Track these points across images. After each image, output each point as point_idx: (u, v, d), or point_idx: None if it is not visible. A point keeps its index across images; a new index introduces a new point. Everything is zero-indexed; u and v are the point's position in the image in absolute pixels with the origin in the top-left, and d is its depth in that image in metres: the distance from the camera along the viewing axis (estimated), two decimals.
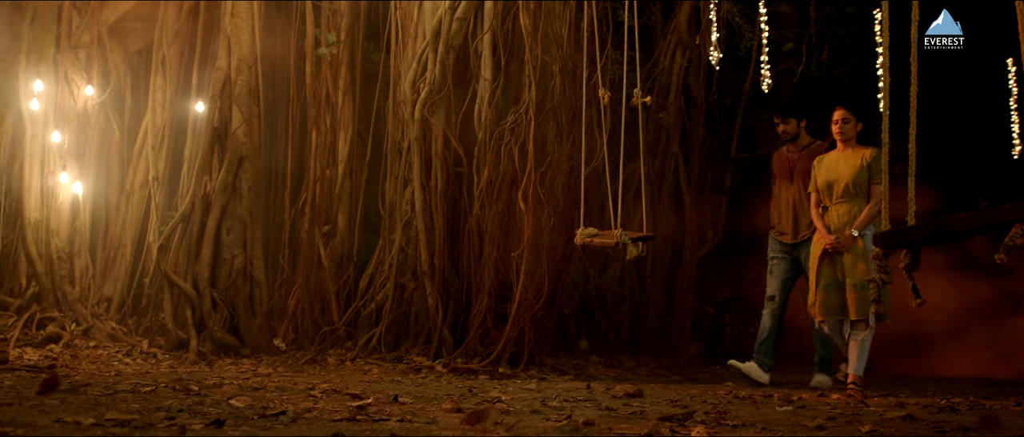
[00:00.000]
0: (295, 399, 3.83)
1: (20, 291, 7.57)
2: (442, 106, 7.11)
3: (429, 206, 7.02)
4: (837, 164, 5.68)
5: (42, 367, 5.73)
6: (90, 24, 8.15)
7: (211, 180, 7.37)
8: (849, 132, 5.67)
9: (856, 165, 5.59)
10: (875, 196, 5.46)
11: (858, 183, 5.58)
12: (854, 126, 5.67)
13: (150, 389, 3.88)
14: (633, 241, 5.33)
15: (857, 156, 5.62)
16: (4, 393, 3.42)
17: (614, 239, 5.32)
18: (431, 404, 3.79)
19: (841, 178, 5.63)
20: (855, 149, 5.66)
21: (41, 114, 7.70)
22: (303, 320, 7.78)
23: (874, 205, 5.45)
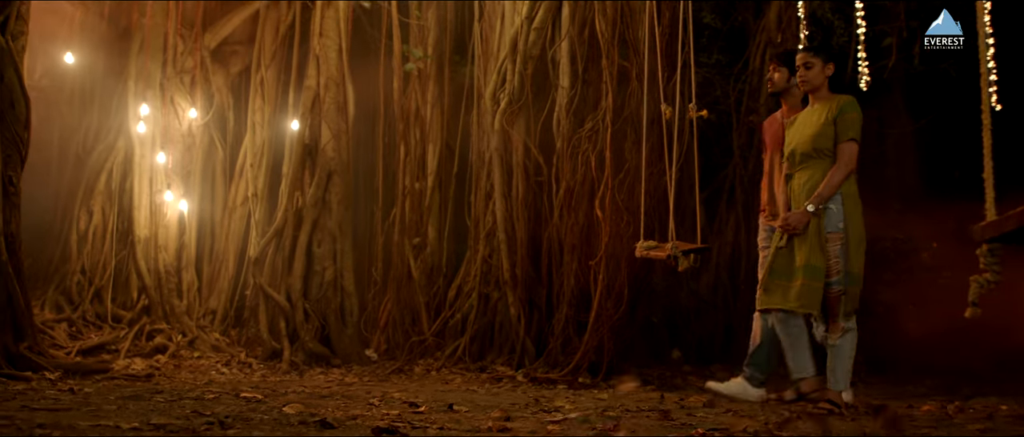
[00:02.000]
0: (353, 407, 3.91)
1: (132, 304, 8.02)
2: (522, 116, 7.13)
3: (511, 216, 7.05)
4: (802, 122, 4.59)
5: (140, 375, 6.04)
6: (193, 50, 8.57)
7: (302, 195, 7.62)
8: (814, 79, 4.50)
9: (820, 121, 4.43)
10: (842, 157, 4.33)
11: (820, 144, 4.39)
12: (821, 71, 4.49)
13: (213, 397, 4.03)
14: (685, 253, 5.20)
15: (824, 109, 4.45)
16: (73, 399, 3.62)
17: (666, 252, 5.21)
18: (482, 414, 3.80)
19: (803, 139, 4.50)
20: (824, 101, 4.51)
21: (149, 136, 8.14)
22: (394, 331, 7.92)
23: (837, 170, 4.31)
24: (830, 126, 4.38)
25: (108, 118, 8.37)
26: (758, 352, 5.08)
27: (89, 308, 7.89)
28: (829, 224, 4.31)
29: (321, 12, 7.71)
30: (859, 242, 4.38)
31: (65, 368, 5.70)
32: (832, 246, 4.31)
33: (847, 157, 4.33)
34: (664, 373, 7.19)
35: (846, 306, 4.33)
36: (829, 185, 4.30)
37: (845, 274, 4.30)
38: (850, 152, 4.34)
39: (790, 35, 7.74)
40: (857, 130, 4.37)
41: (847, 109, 4.37)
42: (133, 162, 8.12)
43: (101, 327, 7.75)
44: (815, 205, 4.32)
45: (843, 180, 4.32)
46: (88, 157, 8.32)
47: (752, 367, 5.09)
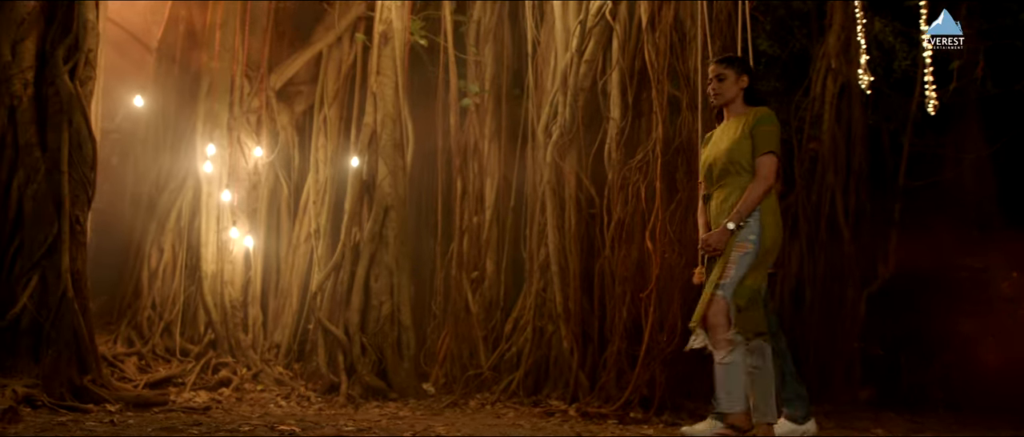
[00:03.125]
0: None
1: (199, 338, 8.23)
2: (573, 149, 7.12)
3: (563, 249, 7.02)
4: (717, 138, 4.37)
5: (198, 408, 6.18)
6: (259, 90, 8.84)
7: (360, 230, 7.74)
8: (727, 92, 4.31)
9: (735, 135, 4.20)
10: (760, 171, 4.10)
11: (736, 159, 4.17)
12: (734, 83, 4.29)
13: (248, 429, 4.10)
14: None
15: (739, 123, 4.23)
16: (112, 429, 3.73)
17: None
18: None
19: (719, 154, 4.28)
20: (739, 114, 4.29)
21: (216, 175, 8.40)
22: (452, 365, 7.94)
23: (756, 184, 4.07)
24: (747, 140, 4.17)
25: (178, 158, 8.67)
26: (786, 390, 4.87)
27: (159, 342, 8.12)
28: (741, 235, 4.10)
29: (378, 51, 7.87)
30: (765, 258, 4.13)
31: (126, 400, 5.87)
32: (734, 252, 4.07)
33: (765, 171, 4.12)
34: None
35: (738, 323, 4.00)
36: (748, 201, 4.08)
37: (734, 283, 4.03)
38: (768, 166, 4.14)
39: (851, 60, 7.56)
40: (775, 142, 4.19)
41: (764, 121, 4.18)
42: (201, 200, 8.38)
43: (169, 360, 7.97)
44: (735, 222, 4.08)
45: (763, 195, 4.10)
46: (160, 196, 8.62)
47: (788, 405, 4.91)
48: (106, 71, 9.81)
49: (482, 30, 8.59)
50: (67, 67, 6.14)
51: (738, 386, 4.03)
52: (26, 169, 6.06)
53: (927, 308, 8.49)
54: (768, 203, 4.16)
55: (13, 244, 5.99)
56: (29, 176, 6.05)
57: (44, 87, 6.17)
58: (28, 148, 6.08)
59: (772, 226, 4.14)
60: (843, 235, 8.04)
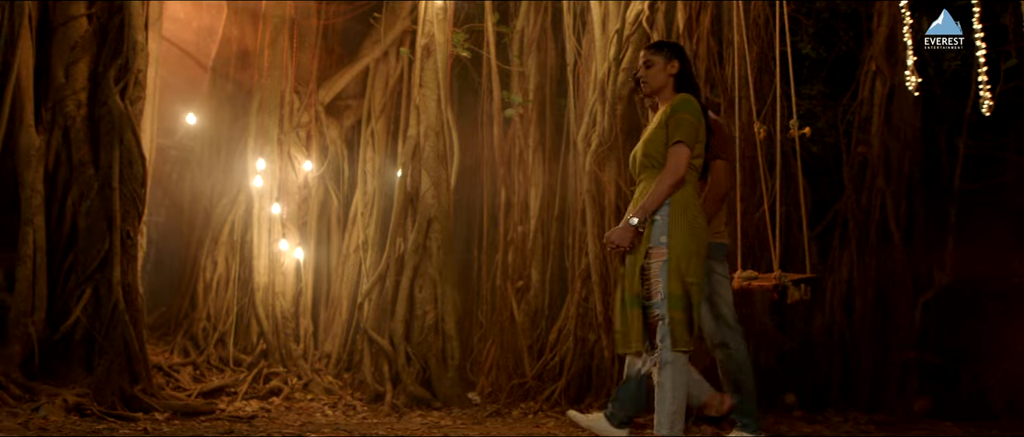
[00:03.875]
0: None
1: (251, 348, 8.43)
2: (612, 157, 7.10)
3: (604, 257, 7.00)
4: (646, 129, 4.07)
5: (243, 417, 6.33)
6: (308, 105, 9.04)
7: (404, 241, 7.83)
8: (654, 80, 3.97)
9: (654, 125, 3.90)
10: (668, 163, 3.73)
11: (651, 151, 3.84)
12: (662, 70, 3.95)
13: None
14: (795, 283, 4.98)
15: (662, 112, 3.90)
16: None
17: (772, 281, 5.00)
18: None
19: (638, 147, 3.98)
20: (666, 103, 3.95)
21: (266, 189, 8.61)
22: (498, 374, 7.97)
23: (662, 177, 3.70)
24: (662, 130, 3.82)
25: (231, 173, 8.91)
26: (622, 388, 4.57)
27: (213, 352, 8.34)
28: (652, 238, 3.70)
29: (421, 64, 7.97)
30: (684, 258, 3.67)
31: (174, 409, 6.05)
32: (653, 263, 3.69)
33: (674, 163, 3.71)
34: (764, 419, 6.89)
35: (667, 334, 3.63)
36: (653, 195, 3.71)
37: (665, 298, 3.65)
38: (677, 157, 3.72)
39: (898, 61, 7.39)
40: (686, 132, 3.75)
41: (678, 109, 3.80)
42: (253, 214, 8.59)
43: (223, 370, 8.18)
44: (639, 218, 3.71)
45: (670, 189, 3.70)
46: (214, 210, 8.87)
47: (614, 403, 4.63)
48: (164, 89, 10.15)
49: (525, 41, 8.63)
50: (118, 87, 6.37)
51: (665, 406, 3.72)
52: (80, 186, 6.31)
53: (986, 315, 8.20)
54: (680, 199, 3.73)
55: (68, 259, 6.24)
56: (83, 193, 6.30)
57: (96, 107, 6.43)
58: (82, 166, 6.32)
59: (683, 227, 3.70)
60: (894, 240, 7.83)
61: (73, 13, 6.39)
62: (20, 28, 6.06)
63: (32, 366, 5.84)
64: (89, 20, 6.48)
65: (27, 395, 5.47)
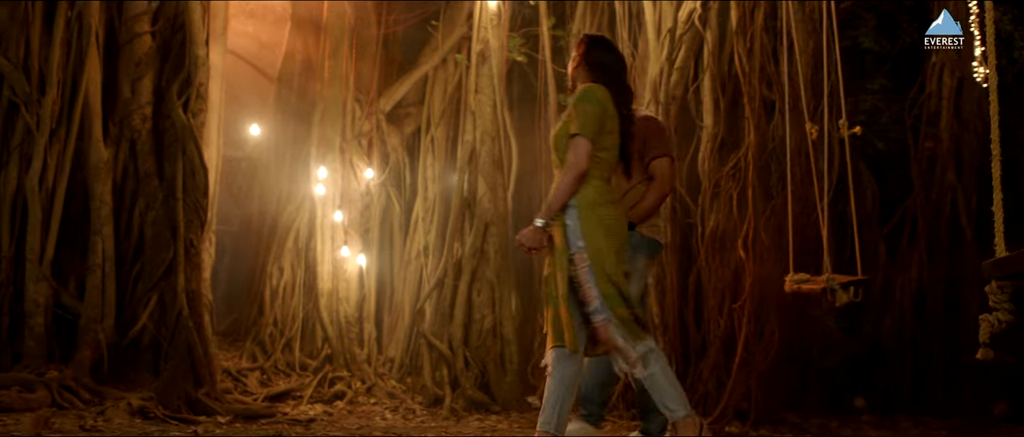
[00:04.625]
0: None
1: (317, 353, 8.59)
2: None
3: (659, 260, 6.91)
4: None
5: (302, 420, 6.46)
6: (369, 113, 9.19)
7: (462, 246, 7.89)
8: (573, 74, 3.87)
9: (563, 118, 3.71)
10: (567, 159, 3.52)
11: (558, 146, 3.67)
12: (579, 63, 3.79)
13: None
14: (843, 286, 4.84)
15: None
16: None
17: (821, 284, 4.88)
18: None
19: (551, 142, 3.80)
20: None
21: (329, 197, 8.78)
22: None
23: (563, 175, 3.53)
24: (566, 123, 3.63)
25: (296, 182, 9.11)
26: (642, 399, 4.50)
27: (280, 357, 8.54)
28: (570, 243, 3.52)
29: (476, 69, 8.02)
30: (604, 257, 3.49)
31: (236, 413, 6.20)
32: (579, 270, 3.50)
33: (573, 157, 3.49)
34: (829, 423, 6.73)
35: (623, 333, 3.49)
36: (555, 192, 3.55)
37: (601, 301, 3.48)
38: (575, 150, 3.50)
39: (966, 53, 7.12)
40: (583, 123, 3.53)
41: (579, 100, 3.59)
42: (316, 222, 8.77)
43: (289, 375, 8.36)
44: (543, 218, 3.54)
45: (571, 184, 3.50)
46: (279, 218, 9.08)
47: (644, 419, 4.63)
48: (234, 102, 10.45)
49: None
50: (180, 101, 6.59)
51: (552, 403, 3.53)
52: (146, 197, 6.56)
53: None
54: (586, 198, 3.54)
55: (135, 267, 6.48)
56: (148, 203, 6.54)
57: (160, 120, 6.67)
58: (147, 178, 6.56)
59: (594, 226, 3.53)
60: (966, 238, 7.54)
61: (138, 31, 6.65)
62: (88, 47, 6.32)
63: (102, 371, 6.08)
64: (153, 37, 6.73)
65: (96, 399, 5.69)
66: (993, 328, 2.94)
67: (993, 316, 2.94)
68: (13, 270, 6.06)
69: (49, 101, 6.17)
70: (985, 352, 3.06)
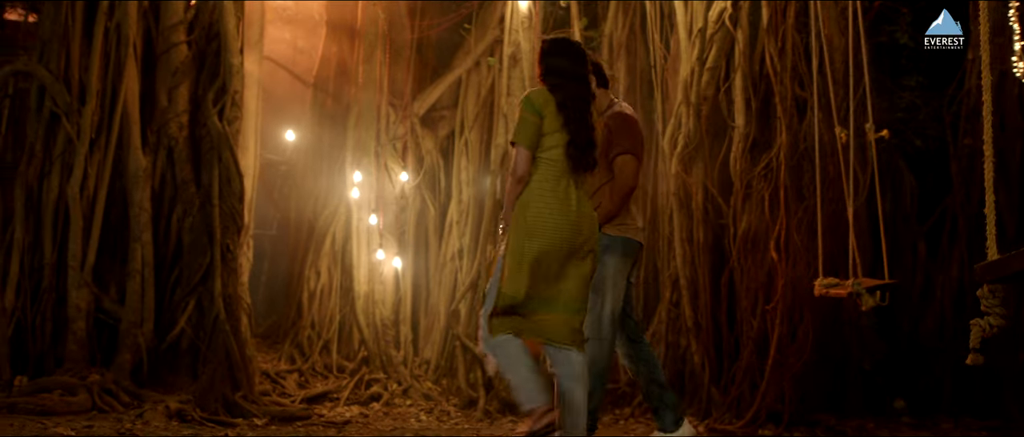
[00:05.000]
0: None
1: (353, 356, 8.69)
2: (699, 158, 6.98)
3: (692, 261, 6.88)
4: None
5: (337, 422, 6.54)
6: (404, 117, 9.26)
7: (495, 248, 7.92)
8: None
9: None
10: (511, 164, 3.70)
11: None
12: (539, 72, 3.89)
13: None
14: (870, 290, 4.78)
15: None
16: None
17: (847, 289, 4.82)
18: None
19: None
20: None
21: (364, 200, 8.87)
22: None
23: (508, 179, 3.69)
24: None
25: (332, 185, 9.23)
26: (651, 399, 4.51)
27: (318, 359, 8.65)
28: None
29: (507, 72, 8.05)
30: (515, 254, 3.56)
31: (272, 415, 6.31)
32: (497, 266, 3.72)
33: (511, 164, 3.67)
34: (867, 425, 6.63)
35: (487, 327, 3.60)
36: (505, 199, 3.73)
37: (494, 288, 3.63)
38: (512, 158, 3.67)
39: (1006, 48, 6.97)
40: (517, 131, 3.64)
41: (519, 106, 3.70)
42: (352, 225, 8.86)
43: (327, 377, 8.47)
44: (503, 223, 3.73)
45: (512, 190, 3.63)
46: (316, 222, 9.20)
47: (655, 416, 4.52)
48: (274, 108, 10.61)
49: (614, 44, 8.57)
50: (216, 109, 6.72)
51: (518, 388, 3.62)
52: (183, 203, 6.69)
53: None
54: (522, 199, 3.62)
55: (173, 272, 6.62)
56: (186, 210, 6.67)
57: (197, 128, 6.80)
58: (185, 184, 6.70)
59: (519, 226, 3.57)
60: (1008, 235, 7.37)
61: (174, 40, 6.78)
62: (126, 57, 6.48)
63: (141, 374, 6.22)
64: (189, 46, 6.86)
65: (135, 402, 5.83)
66: (985, 333, 2.89)
67: (985, 321, 2.87)
68: (55, 276, 6.24)
69: (89, 111, 6.33)
70: (975, 357, 2.98)
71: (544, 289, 3.57)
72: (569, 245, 3.56)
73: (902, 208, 8.10)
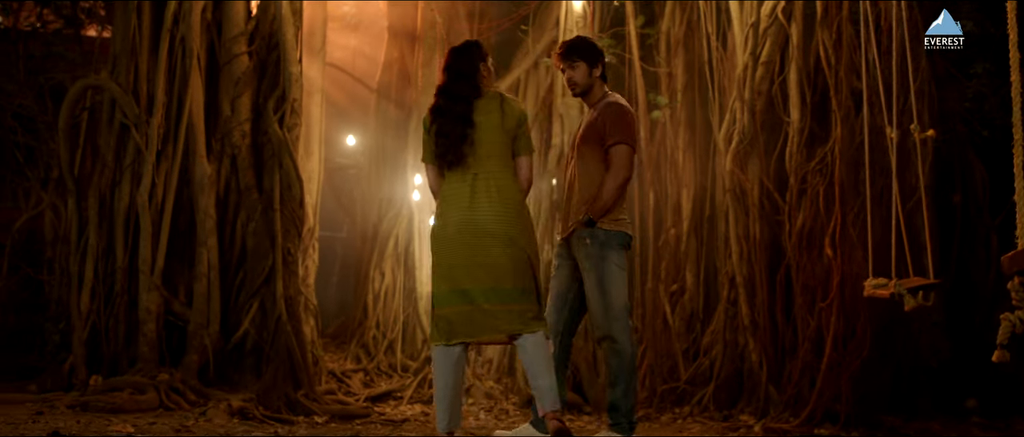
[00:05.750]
0: None
1: (417, 355, 8.84)
2: (754, 154, 6.90)
3: (748, 258, 6.81)
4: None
5: (396, 420, 6.68)
6: None
7: (550, 248, 7.95)
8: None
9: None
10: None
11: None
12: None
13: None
14: (911, 291, 4.64)
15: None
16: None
17: (889, 290, 4.70)
18: None
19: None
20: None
21: (425, 202, 9.01)
22: (652, 379, 7.92)
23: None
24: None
25: (395, 188, 9.40)
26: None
27: (383, 359, 8.84)
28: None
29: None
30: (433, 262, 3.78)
31: (332, 413, 6.47)
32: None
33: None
34: (932, 426, 6.44)
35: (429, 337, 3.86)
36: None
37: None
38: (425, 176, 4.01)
39: None
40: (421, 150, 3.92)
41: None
42: (414, 227, 9.02)
43: (391, 376, 8.64)
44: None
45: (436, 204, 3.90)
46: (380, 224, 9.39)
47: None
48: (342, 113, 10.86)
49: (672, 40, 8.52)
50: (276, 116, 6.93)
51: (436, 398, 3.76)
52: (246, 209, 6.92)
53: None
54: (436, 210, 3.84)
55: (238, 275, 6.86)
56: (249, 215, 6.90)
57: (258, 136, 7.03)
58: (247, 190, 6.93)
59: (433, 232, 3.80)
60: None
61: (236, 51, 7.02)
62: (190, 69, 6.74)
63: (208, 374, 6.47)
64: (250, 57, 7.09)
65: (201, 400, 6.07)
66: (1016, 329, 2.76)
67: (1015, 315, 2.75)
68: (127, 280, 6.53)
69: (156, 121, 6.61)
70: (1001, 354, 2.86)
71: (465, 282, 3.61)
72: (475, 238, 3.61)
73: (974, 200, 7.85)
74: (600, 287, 3.93)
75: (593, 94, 4.20)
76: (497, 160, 3.67)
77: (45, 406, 5.49)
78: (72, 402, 5.60)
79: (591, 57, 4.14)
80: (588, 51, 4.16)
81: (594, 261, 3.93)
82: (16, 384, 6.40)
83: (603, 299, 3.94)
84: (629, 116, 4.10)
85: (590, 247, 3.94)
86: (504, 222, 3.63)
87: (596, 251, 3.93)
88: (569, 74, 4.16)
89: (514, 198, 3.69)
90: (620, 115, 4.08)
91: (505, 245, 3.60)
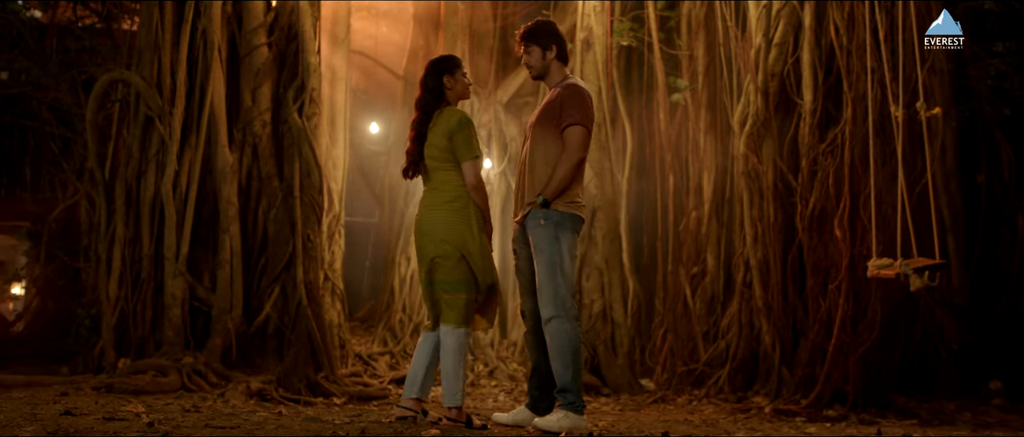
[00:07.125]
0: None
1: None
2: (768, 136, 6.88)
3: (761, 240, 6.80)
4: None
5: None
6: (487, 105, 9.46)
7: None
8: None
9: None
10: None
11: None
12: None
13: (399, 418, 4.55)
14: (917, 271, 4.64)
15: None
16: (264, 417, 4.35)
17: (894, 271, 4.69)
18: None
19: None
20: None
21: None
22: (672, 361, 7.96)
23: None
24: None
25: None
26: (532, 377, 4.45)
27: (409, 342, 9.00)
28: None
29: (581, 57, 8.11)
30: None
31: (351, 394, 6.64)
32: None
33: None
34: (946, 406, 6.39)
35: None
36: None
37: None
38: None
39: None
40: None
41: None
42: None
43: None
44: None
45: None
46: (406, 211, 9.54)
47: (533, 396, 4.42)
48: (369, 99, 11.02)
49: (692, 23, 8.50)
50: (296, 106, 7.09)
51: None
52: (268, 196, 7.10)
53: None
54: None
55: (260, 261, 7.04)
56: (270, 202, 7.07)
57: (278, 125, 7.19)
58: (268, 179, 7.10)
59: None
60: None
61: (256, 43, 7.18)
62: (212, 60, 6.91)
63: (231, 357, 6.66)
64: (269, 48, 7.25)
65: (223, 382, 6.26)
66: None
67: None
68: (153, 267, 6.75)
69: (179, 113, 6.80)
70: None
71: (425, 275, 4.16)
72: (419, 236, 4.16)
73: (999, 180, 7.73)
74: (550, 269, 4.02)
75: (551, 77, 4.35)
76: (441, 170, 4.13)
77: (72, 387, 5.73)
78: (98, 384, 5.83)
79: (544, 41, 4.31)
80: (541, 35, 4.33)
81: (548, 242, 4.02)
82: (51, 367, 6.67)
83: (552, 281, 4.02)
84: (585, 97, 4.17)
85: (544, 227, 4.04)
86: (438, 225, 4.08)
87: (550, 231, 4.01)
88: (525, 59, 4.38)
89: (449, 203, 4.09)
90: (575, 96, 4.16)
91: (436, 244, 4.05)
